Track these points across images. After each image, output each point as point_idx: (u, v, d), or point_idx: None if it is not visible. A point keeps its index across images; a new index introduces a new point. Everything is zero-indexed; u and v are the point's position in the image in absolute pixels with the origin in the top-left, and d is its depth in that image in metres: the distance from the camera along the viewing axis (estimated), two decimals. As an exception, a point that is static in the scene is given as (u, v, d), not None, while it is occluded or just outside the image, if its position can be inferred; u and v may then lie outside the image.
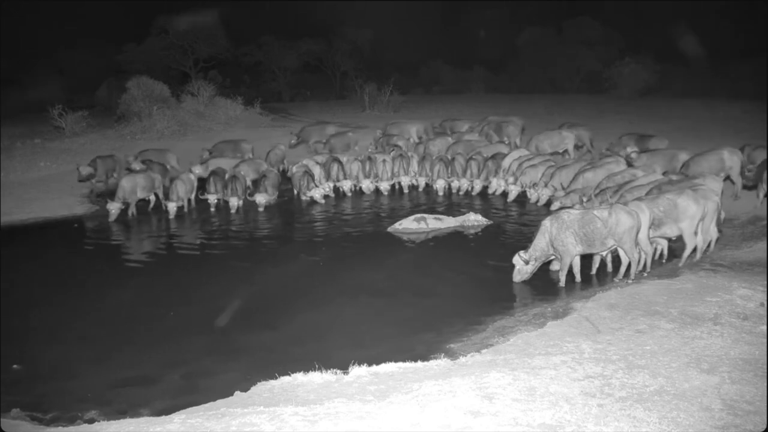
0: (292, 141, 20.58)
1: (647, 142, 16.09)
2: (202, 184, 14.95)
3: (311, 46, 43.12)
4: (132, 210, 14.08)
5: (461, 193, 15.64)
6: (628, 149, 15.44)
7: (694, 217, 9.38)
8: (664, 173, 12.79)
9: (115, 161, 16.53)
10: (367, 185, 15.89)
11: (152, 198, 14.76)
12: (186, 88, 28.10)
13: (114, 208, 13.67)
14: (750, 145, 14.18)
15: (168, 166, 16.62)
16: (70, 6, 41.70)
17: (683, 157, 13.36)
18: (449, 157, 16.23)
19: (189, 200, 14.89)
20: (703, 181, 10.60)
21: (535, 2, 45.15)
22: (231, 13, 39.59)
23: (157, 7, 37.28)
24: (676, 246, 10.17)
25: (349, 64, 43.34)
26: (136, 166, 15.89)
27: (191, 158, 20.03)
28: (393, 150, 17.51)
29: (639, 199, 9.81)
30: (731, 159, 12.69)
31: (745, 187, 13.03)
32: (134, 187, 14.04)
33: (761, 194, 12.38)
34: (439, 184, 15.68)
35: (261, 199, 14.56)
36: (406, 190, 16.10)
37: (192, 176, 15.03)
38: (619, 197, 10.88)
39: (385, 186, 15.94)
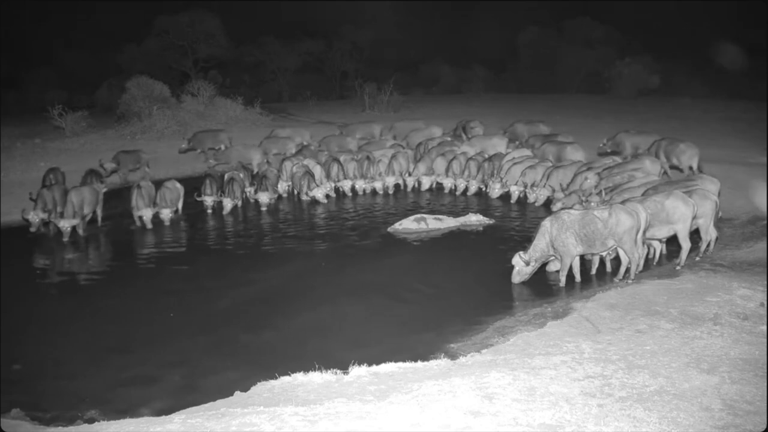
0: (183, 146, 20.14)
1: (555, 141, 16.62)
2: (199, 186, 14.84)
3: (311, 46, 43.12)
4: (81, 228, 12.91)
5: (458, 192, 15.71)
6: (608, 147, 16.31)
7: (686, 218, 9.36)
8: None
9: (63, 173, 15.45)
10: (360, 185, 15.92)
11: (98, 213, 13.62)
12: (186, 88, 28.10)
13: (33, 216, 12.55)
14: (629, 131, 16.11)
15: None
16: (70, 6, 41.73)
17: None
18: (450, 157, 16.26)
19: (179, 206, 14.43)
20: (698, 183, 10.61)
21: (535, 2, 45.13)
22: (231, 13, 39.61)
23: (157, 7, 37.28)
24: (675, 248, 10.17)
25: (349, 64, 43.34)
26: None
27: (191, 159, 20.06)
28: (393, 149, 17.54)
29: (628, 200, 9.80)
30: (653, 168, 12.94)
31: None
32: (81, 201, 12.94)
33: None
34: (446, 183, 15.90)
35: (264, 198, 14.59)
36: (391, 191, 16.10)
37: (177, 183, 14.48)
38: (609, 198, 10.90)
39: (379, 186, 15.98)
